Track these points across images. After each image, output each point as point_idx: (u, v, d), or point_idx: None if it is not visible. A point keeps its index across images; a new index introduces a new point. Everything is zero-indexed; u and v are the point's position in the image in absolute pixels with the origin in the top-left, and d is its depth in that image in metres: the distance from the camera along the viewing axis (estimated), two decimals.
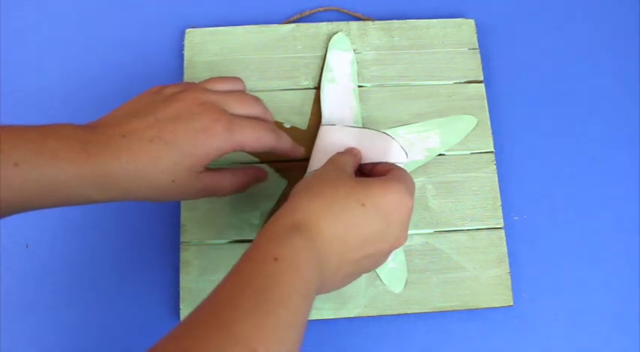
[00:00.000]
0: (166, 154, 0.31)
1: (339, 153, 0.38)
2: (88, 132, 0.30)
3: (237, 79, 0.38)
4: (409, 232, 0.42)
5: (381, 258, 0.33)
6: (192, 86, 0.35)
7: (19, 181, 0.27)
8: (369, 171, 0.39)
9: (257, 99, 0.37)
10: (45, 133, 0.29)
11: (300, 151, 0.40)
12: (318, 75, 0.46)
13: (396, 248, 0.33)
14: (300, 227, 0.29)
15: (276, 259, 0.26)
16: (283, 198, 0.43)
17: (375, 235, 0.31)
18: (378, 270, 0.41)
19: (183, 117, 0.32)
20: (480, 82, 0.47)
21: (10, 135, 0.28)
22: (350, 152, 0.39)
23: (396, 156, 0.41)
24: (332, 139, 0.42)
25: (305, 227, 0.29)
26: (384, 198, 0.31)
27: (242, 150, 0.34)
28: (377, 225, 0.31)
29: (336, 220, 0.30)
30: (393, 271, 0.41)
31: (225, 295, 0.25)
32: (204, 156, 0.32)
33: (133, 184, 0.31)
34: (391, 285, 0.41)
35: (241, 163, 0.44)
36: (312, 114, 0.45)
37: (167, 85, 0.35)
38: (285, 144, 0.38)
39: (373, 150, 0.41)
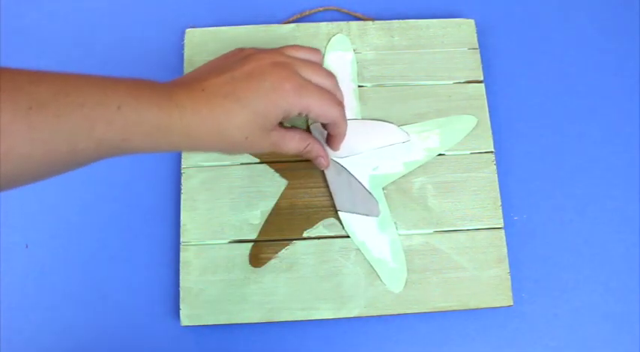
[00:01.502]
0: (240, 111, 0.32)
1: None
2: (171, 85, 0.32)
3: (317, 51, 0.39)
4: (409, 232, 0.43)
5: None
6: (271, 49, 0.36)
7: (120, 123, 0.28)
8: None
9: (331, 73, 0.37)
10: (136, 82, 0.30)
11: (338, 147, 0.42)
12: None
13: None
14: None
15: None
16: (283, 198, 0.43)
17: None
18: (378, 270, 0.41)
19: (256, 76, 0.33)
20: (480, 81, 0.47)
21: (111, 80, 0.29)
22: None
23: (397, 136, 0.44)
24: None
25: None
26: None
27: (308, 115, 0.35)
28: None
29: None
30: (393, 271, 0.42)
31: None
32: (273, 115, 0.33)
33: (211, 138, 0.32)
34: (391, 285, 0.41)
35: (241, 163, 0.44)
36: None
37: (246, 48, 0.36)
38: (344, 126, 0.38)
39: (375, 136, 0.44)
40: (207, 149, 0.33)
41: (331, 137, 0.40)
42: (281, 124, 0.36)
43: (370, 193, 0.43)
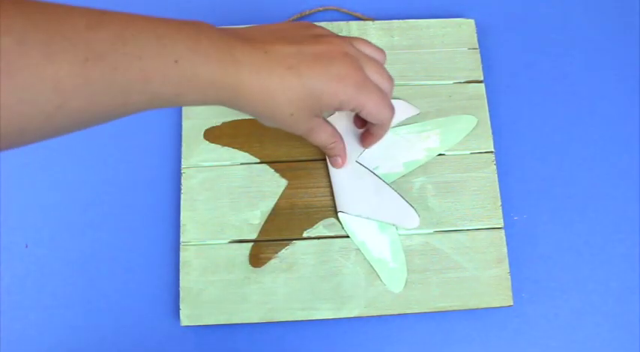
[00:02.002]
0: (297, 87, 0.31)
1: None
2: (232, 37, 0.30)
3: (382, 51, 0.38)
4: (409, 232, 0.43)
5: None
6: (341, 37, 0.35)
7: (176, 78, 0.28)
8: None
9: (391, 77, 0.37)
10: (197, 30, 0.29)
11: (372, 144, 0.41)
12: None
13: None
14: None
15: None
16: (283, 198, 0.43)
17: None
18: (378, 270, 0.41)
19: (325, 59, 0.32)
20: (480, 81, 0.47)
21: (169, 28, 0.28)
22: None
23: (409, 111, 0.45)
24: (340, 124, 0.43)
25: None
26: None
27: (360, 112, 0.34)
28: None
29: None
30: (393, 271, 0.42)
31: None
32: (327, 103, 0.33)
33: (258, 102, 0.31)
34: (391, 285, 0.41)
35: (241, 163, 0.44)
36: None
37: (317, 25, 0.35)
38: (385, 132, 0.38)
39: None
40: (248, 111, 0.32)
41: (370, 136, 0.40)
42: None
43: (410, 204, 0.42)
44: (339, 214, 0.42)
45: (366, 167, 0.43)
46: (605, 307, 0.43)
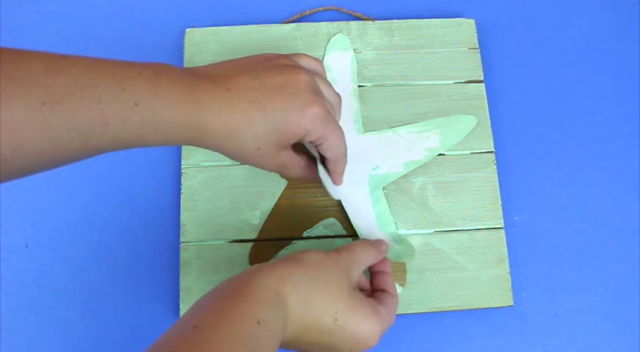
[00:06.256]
0: (261, 121, 0.31)
1: (361, 245, 0.36)
2: (194, 77, 0.30)
3: (337, 94, 0.38)
4: (410, 232, 0.43)
5: None
6: (303, 68, 0.35)
7: (137, 120, 0.28)
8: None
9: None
10: (158, 72, 0.29)
11: (339, 182, 0.40)
12: None
13: None
14: (282, 298, 0.29)
15: (259, 323, 0.26)
16: (283, 198, 0.43)
17: (327, 346, 0.31)
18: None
19: (288, 90, 0.32)
20: (480, 81, 0.47)
21: (130, 71, 0.28)
22: (375, 245, 0.37)
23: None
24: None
25: (286, 303, 0.29)
26: (357, 326, 0.31)
27: (318, 144, 0.34)
28: (334, 340, 0.31)
29: (309, 317, 0.30)
30: (398, 252, 0.41)
31: (206, 339, 0.25)
32: (293, 134, 0.32)
33: (223, 140, 0.31)
34: (401, 258, 0.41)
35: (241, 163, 0.44)
36: None
37: (281, 55, 0.35)
38: (344, 165, 0.38)
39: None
40: (216, 149, 0.32)
41: (331, 173, 0.39)
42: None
43: (379, 232, 0.42)
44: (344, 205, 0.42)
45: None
46: (605, 307, 0.43)
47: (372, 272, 0.37)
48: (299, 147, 0.36)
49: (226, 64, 0.33)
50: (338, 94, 0.38)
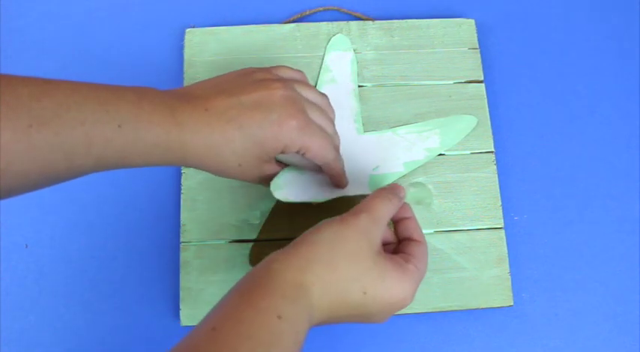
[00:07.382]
0: (239, 138, 0.32)
1: (379, 198, 0.33)
2: (174, 99, 0.31)
3: (324, 95, 0.38)
4: None
5: (362, 322, 0.33)
6: (281, 79, 0.35)
7: (120, 142, 0.28)
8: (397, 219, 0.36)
9: (332, 120, 0.38)
10: (140, 95, 0.30)
11: (344, 183, 0.40)
12: (319, 74, 0.46)
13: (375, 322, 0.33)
14: (304, 288, 0.29)
15: (279, 317, 0.27)
16: None
17: (362, 315, 0.31)
18: None
19: (264, 105, 0.32)
20: (480, 81, 0.47)
21: (113, 94, 0.29)
22: (393, 193, 0.35)
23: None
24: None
25: (309, 291, 0.29)
26: (387, 293, 0.31)
27: (304, 154, 0.34)
28: (367, 310, 0.31)
29: (336, 298, 0.30)
30: (416, 195, 0.41)
31: (226, 340, 0.25)
32: (272, 147, 0.33)
33: (205, 158, 0.32)
34: (421, 202, 0.41)
35: None
36: None
37: (260, 69, 0.36)
38: (338, 167, 0.38)
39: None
40: (199, 167, 0.33)
41: (330, 178, 0.39)
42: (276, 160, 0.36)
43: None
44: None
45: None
46: (605, 307, 0.43)
47: (394, 221, 0.36)
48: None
49: (206, 84, 0.34)
50: (323, 94, 0.38)
